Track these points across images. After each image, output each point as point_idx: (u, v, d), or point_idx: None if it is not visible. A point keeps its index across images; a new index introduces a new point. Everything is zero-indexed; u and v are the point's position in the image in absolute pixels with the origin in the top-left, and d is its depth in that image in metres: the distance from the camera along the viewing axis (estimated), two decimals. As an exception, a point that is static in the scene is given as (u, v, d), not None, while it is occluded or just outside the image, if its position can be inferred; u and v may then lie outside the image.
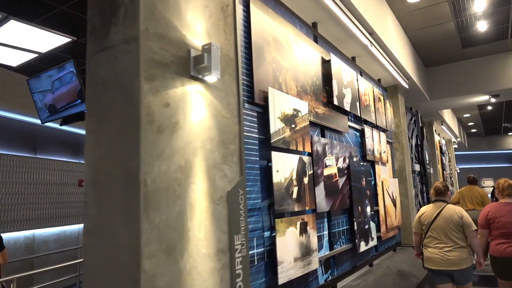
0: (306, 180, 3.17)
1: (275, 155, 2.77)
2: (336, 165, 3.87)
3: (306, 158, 3.21)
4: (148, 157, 1.63)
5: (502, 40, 7.52)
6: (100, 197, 1.75)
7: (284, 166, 2.86)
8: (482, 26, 6.70)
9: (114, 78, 1.78)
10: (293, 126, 3.07)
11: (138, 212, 1.57)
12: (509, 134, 19.91)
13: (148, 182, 1.62)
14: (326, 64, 3.97)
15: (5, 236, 5.01)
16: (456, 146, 16.83)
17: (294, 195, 2.95)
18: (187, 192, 1.82)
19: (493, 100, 8.94)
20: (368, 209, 4.56)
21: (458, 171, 16.28)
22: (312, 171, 3.28)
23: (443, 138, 13.72)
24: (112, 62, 1.79)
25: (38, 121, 5.40)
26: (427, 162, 8.83)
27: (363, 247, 4.23)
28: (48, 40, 4.88)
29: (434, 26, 6.59)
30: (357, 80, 4.71)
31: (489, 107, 13.19)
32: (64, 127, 5.98)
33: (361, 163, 4.54)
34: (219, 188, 2.04)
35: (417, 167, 7.89)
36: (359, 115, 4.64)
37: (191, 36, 1.99)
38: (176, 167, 1.77)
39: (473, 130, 18.49)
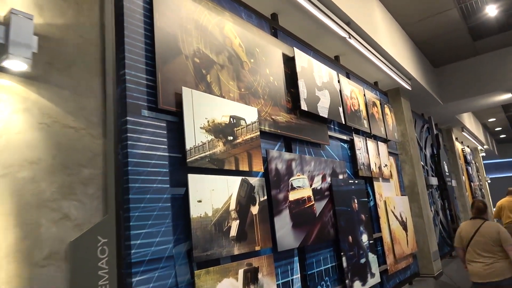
0: (255, 209, 2.36)
1: (193, 178, 1.99)
2: (311, 186, 3.04)
3: (255, 180, 2.41)
4: None
5: (519, 27, 6.55)
6: None
7: (212, 194, 2.08)
8: (491, 11, 5.77)
9: None
10: (230, 138, 2.30)
11: None
12: (543, 136, 18.20)
13: None
14: (290, 61, 3.23)
15: None
16: (483, 154, 15.37)
17: (233, 233, 2.14)
18: (-44, 254, 1.07)
19: (517, 98, 7.86)
20: (365, 237, 3.65)
21: (489, 181, 14.78)
22: (266, 197, 2.48)
23: (467, 146, 12.46)
24: None
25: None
26: (447, 173, 7.72)
27: (358, 287, 3.31)
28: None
29: (434, 16, 5.70)
30: (338, 81, 3.91)
31: (516, 108, 11.94)
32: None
33: (351, 181, 3.67)
34: (49, 239, 1.28)
35: (434, 181, 6.82)
36: (344, 123, 3.81)
37: (-5, 5, 1.30)
38: None
39: (502, 136, 16.98)
